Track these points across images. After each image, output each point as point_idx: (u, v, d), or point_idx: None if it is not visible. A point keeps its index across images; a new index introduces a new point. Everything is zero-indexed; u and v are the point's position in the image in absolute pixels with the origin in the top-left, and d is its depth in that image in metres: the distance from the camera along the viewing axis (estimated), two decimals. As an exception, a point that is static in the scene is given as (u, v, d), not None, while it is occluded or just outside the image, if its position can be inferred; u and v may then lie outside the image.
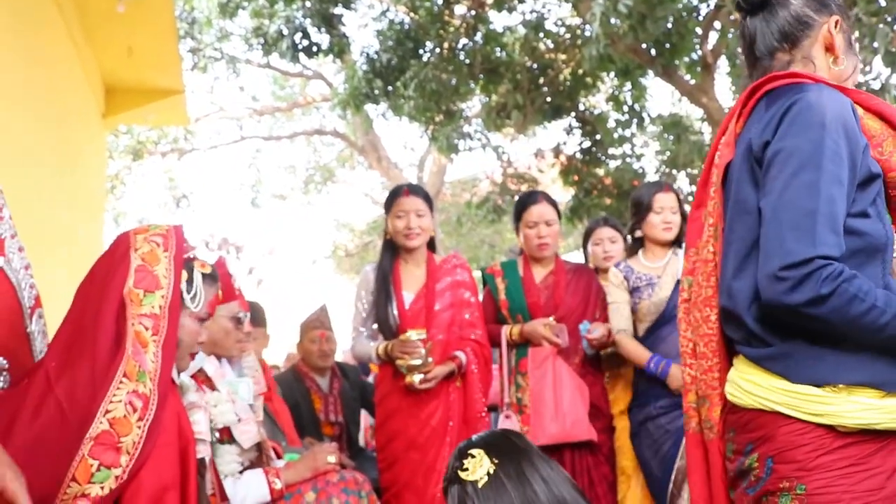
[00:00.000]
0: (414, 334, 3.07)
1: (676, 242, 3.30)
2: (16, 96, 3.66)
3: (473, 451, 1.65)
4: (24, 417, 1.54)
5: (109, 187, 12.57)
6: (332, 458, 2.53)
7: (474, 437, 1.73)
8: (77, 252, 4.76)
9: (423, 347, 3.02)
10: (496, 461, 1.62)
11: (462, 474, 1.63)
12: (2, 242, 1.64)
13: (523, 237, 3.45)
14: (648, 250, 3.35)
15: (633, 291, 3.28)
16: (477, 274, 3.82)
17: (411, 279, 3.28)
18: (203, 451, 1.98)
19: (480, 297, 3.45)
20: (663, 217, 3.27)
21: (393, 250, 3.32)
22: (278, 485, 2.34)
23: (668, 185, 3.37)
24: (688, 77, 8.34)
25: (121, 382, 1.61)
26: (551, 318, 3.31)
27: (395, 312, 3.20)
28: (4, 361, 1.64)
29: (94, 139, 6.09)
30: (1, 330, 1.62)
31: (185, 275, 1.82)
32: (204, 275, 1.90)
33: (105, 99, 6.22)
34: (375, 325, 3.31)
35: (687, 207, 3.15)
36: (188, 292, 1.83)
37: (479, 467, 1.62)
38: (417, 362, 3.02)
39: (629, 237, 3.47)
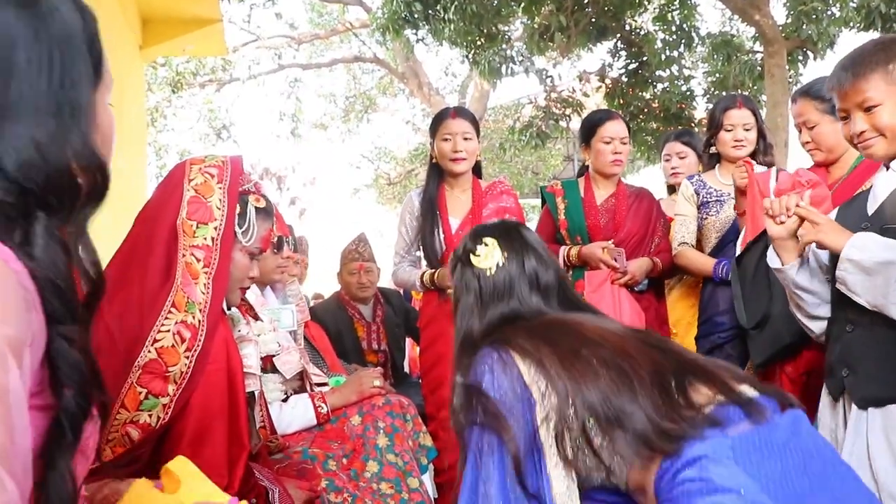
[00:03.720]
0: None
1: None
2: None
3: (488, 240, 1.72)
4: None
5: (149, 120, 12.62)
6: (377, 382, 2.53)
7: (490, 223, 1.88)
8: (119, 184, 4.78)
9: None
10: (506, 255, 1.70)
11: (473, 259, 1.72)
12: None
13: (595, 153, 3.34)
14: (723, 166, 3.22)
15: (702, 206, 3.18)
16: (524, 201, 3.76)
17: (457, 205, 3.22)
18: (253, 385, 1.98)
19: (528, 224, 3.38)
20: (734, 134, 3.14)
21: (439, 175, 3.25)
22: (324, 409, 2.35)
23: (741, 100, 3.21)
24: (740, -8, 7.99)
25: (169, 312, 1.59)
26: (610, 242, 3.24)
27: (442, 238, 3.16)
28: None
29: (132, 71, 6.06)
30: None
31: (238, 208, 1.78)
32: (258, 209, 1.85)
33: (142, 30, 6.16)
34: (419, 252, 3.27)
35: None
36: (241, 226, 1.79)
37: (490, 257, 1.71)
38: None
39: (705, 152, 3.36)
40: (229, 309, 1.95)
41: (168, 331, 1.58)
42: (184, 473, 1.27)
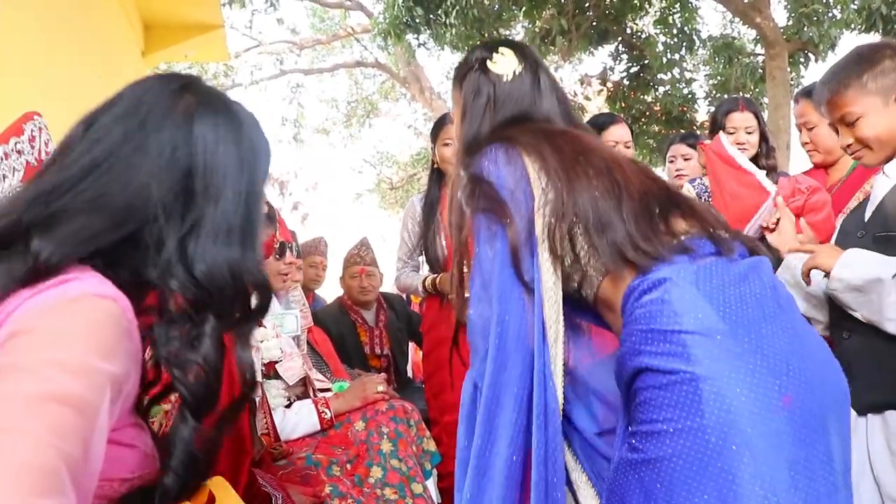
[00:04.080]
0: None
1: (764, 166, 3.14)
2: (56, 36, 3.63)
3: (504, 50, 1.70)
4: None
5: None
6: (381, 387, 2.53)
7: (501, 39, 1.80)
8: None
9: None
10: (523, 65, 1.68)
11: (490, 64, 1.68)
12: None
13: None
14: None
15: None
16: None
17: (458, 209, 3.23)
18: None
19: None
20: (736, 137, 3.13)
21: (440, 180, 3.25)
22: (328, 414, 2.35)
23: (744, 103, 3.20)
24: (740, -5, 8.00)
25: None
26: None
27: (443, 243, 3.16)
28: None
29: (135, 77, 6.06)
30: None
31: None
32: None
33: (144, 36, 6.17)
34: (422, 257, 3.27)
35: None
36: None
37: (507, 65, 1.68)
38: None
39: None
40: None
41: None
42: (220, 494, 1.26)
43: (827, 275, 1.89)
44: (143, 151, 0.98)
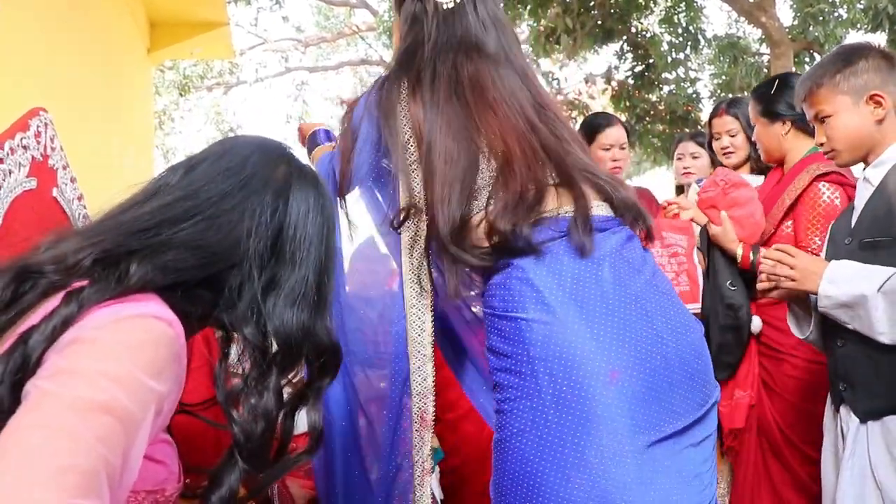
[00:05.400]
0: None
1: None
2: (61, 34, 3.64)
3: None
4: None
5: (157, 123, 12.66)
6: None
7: None
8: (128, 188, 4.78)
9: None
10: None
11: None
12: (55, 173, 1.64)
13: (594, 159, 3.33)
14: None
15: None
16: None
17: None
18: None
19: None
20: (720, 143, 3.14)
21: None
22: (330, 413, 2.36)
23: (723, 108, 3.20)
24: (746, -5, 7.98)
25: None
26: None
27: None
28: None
29: (141, 74, 6.08)
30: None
31: None
32: None
33: (150, 33, 6.18)
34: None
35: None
36: None
37: None
38: None
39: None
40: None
41: None
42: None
43: None
44: (242, 208, 1.08)
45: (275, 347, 1.08)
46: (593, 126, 3.35)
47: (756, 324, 2.62)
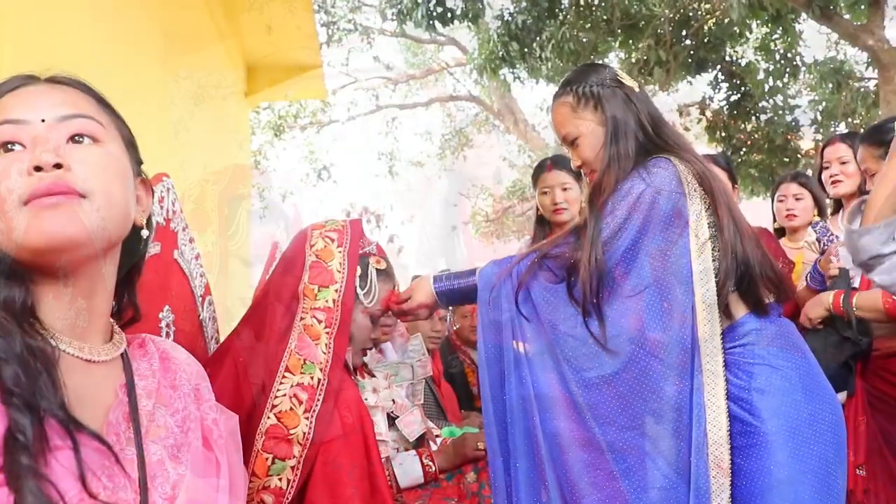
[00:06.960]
0: None
1: None
2: (168, 83, 3.79)
3: (615, 67, 1.90)
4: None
5: (253, 162, 13.03)
6: (481, 445, 2.47)
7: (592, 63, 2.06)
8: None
9: None
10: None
11: (622, 79, 1.92)
12: (175, 235, 1.67)
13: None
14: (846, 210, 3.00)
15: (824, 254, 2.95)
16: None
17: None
18: (384, 451, 1.98)
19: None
20: (830, 171, 3.00)
21: (545, 224, 3.22)
22: (433, 468, 2.32)
23: (837, 138, 3.08)
24: (849, 17, 7.69)
25: (283, 377, 1.62)
26: None
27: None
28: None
29: (239, 117, 6.27)
30: (178, 318, 1.66)
31: (359, 270, 1.81)
32: (378, 270, 1.88)
33: (247, 77, 6.38)
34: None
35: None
36: (362, 287, 1.82)
37: (627, 78, 1.93)
38: None
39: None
40: (355, 372, 1.95)
41: (284, 395, 1.60)
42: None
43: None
44: None
45: None
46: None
47: None
